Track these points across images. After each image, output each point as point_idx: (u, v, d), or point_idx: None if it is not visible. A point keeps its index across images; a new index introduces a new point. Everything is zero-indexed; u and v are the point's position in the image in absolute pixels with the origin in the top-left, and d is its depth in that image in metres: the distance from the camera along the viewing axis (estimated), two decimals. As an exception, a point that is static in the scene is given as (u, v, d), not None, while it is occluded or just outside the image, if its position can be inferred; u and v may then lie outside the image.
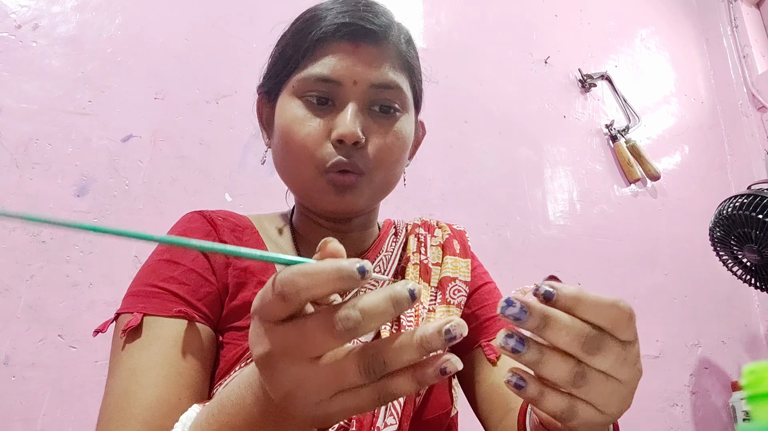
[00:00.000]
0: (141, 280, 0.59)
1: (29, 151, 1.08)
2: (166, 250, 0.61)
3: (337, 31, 0.60)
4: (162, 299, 0.56)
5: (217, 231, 0.64)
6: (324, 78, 0.60)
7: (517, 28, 1.94)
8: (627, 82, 2.13)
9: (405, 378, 0.32)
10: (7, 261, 1.00)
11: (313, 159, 0.60)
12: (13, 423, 0.93)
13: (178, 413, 0.50)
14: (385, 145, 0.61)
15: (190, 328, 0.56)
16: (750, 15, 2.46)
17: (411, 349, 0.31)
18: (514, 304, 0.32)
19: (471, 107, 1.70)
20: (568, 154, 1.87)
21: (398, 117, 0.63)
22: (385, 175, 0.63)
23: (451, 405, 0.64)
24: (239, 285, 0.60)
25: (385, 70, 0.61)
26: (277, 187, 1.30)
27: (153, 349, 0.53)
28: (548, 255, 1.66)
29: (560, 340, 0.33)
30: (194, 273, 0.59)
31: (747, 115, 2.28)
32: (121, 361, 0.53)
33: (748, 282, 1.61)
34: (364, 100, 0.61)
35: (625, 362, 0.34)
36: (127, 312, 0.56)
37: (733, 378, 1.86)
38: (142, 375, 0.52)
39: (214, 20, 1.36)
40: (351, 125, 0.58)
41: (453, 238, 0.75)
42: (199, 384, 0.55)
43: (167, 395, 0.51)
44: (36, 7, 1.16)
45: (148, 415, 0.49)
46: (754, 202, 1.44)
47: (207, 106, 1.29)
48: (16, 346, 0.96)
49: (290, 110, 0.61)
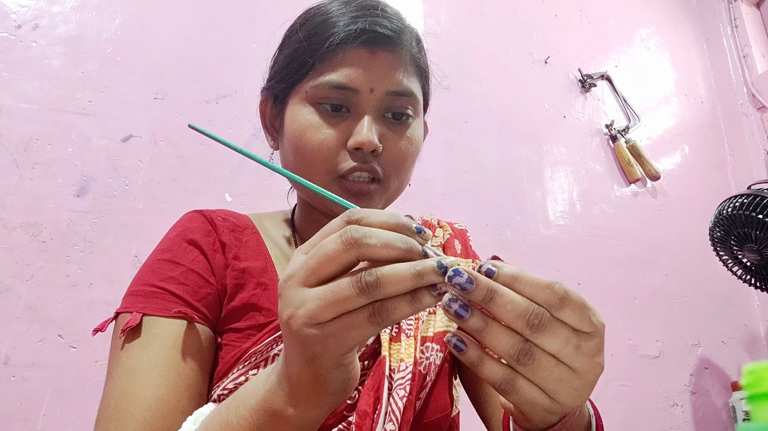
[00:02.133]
0: (141, 280, 0.59)
1: (29, 151, 1.08)
2: (167, 250, 0.61)
3: (354, 38, 0.59)
4: (161, 299, 0.56)
5: (216, 231, 0.64)
6: (341, 86, 0.59)
7: (517, 28, 1.94)
8: (627, 82, 2.13)
9: (401, 298, 0.34)
10: (7, 262, 1.00)
11: (326, 165, 0.59)
12: (13, 423, 0.93)
13: (177, 414, 0.50)
14: (400, 152, 0.62)
15: (190, 329, 0.56)
16: (750, 15, 2.46)
17: (406, 275, 0.33)
18: (461, 274, 0.34)
19: (471, 107, 1.70)
20: (568, 154, 1.87)
21: (410, 123, 0.63)
22: (400, 180, 0.64)
23: (450, 407, 0.64)
24: (238, 287, 0.60)
25: (400, 77, 0.61)
26: (277, 187, 1.30)
27: (152, 349, 0.53)
28: (548, 255, 1.66)
29: (505, 315, 0.34)
30: (194, 274, 0.59)
31: (747, 115, 2.28)
32: (120, 361, 0.53)
33: (748, 282, 1.61)
34: (380, 107, 0.61)
35: (578, 350, 0.35)
36: (126, 312, 0.56)
37: (733, 378, 1.86)
38: (141, 375, 0.52)
39: (214, 20, 1.36)
40: (369, 133, 0.58)
41: (454, 238, 0.75)
42: (198, 385, 0.55)
43: (166, 396, 0.51)
44: (36, 7, 1.16)
45: (148, 416, 0.49)
46: (754, 202, 1.44)
47: (207, 106, 1.29)
48: (16, 346, 0.96)
49: (303, 117, 0.61)
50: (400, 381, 0.57)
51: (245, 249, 0.64)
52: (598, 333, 0.36)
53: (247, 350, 0.56)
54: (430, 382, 0.61)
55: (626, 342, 1.68)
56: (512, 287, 0.35)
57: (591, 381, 0.36)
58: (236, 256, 0.62)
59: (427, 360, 0.61)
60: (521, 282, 0.35)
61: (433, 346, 0.63)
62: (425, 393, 0.60)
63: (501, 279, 0.35)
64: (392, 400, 0.56)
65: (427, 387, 0.60)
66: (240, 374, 0.55)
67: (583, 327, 0.35)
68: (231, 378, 0.56)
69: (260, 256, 0.64)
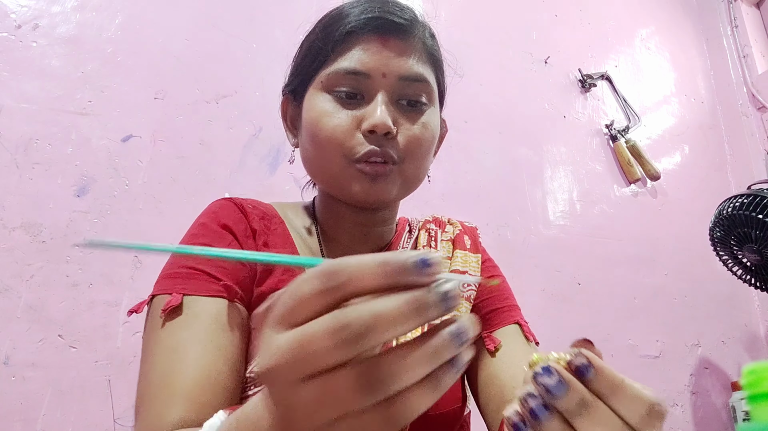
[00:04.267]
0: (176, 263, 0.59)
1: (29, 151, 1.08)
2: (201, 235, 0.61)
3: (365, 25, 0.61)
4: (201, 280, 0.57)
5: (247, 217, 0.65)
6: (353, 71, 0.60)
7: (517, 28, 1.94)
8: (627, 82, 2.13)
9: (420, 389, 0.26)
10: (7, 262, 1.00)
11: (342, 149, 0.60)
12: (13, 423, 0.93)
13: (218, 387, 0.51)
14: (415, 137, 0.62)
15: (230, 308, 0.56)
16: (750, 15, 2.46)
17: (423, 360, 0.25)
18: (552, 374, 0.29)
19: (471, 107, 1.70)
20: (568, 153, 1.87)
21: (425, 110, 0.63)
22: (416, 166, 0.63)
23: (462, 402, 0.64)
24: (266, 272, 0.61)
25: (412, 63, 0.62)
26: (277, 187, 1.30)
27: (194, 328, 0.53)
28: (548, 255, 1.66)
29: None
30: None
31: (747, 115, 2.28)
32: (160, 340, 0.53)
33: (748, 282, 1.61)
34: (393, 92, 0.61)
35: None
36: (164, 293, 0.56)
37: (733, 378, 1.86)
38: (183, 352, 0.52)
39: (214, 20, 1.36)
40: (382, 115, 0.58)
41: (464, 234, 0.76)
42: (238, 362, 0.55)
43: (209, 371, 0.51)
44: (36, 7, 1.16)
45: (194, 391, 0.49)
46: (754, 202, 1.44)
47: (207, 106, 1.29)
48: (16, 346, 0.96)
49: (319, 104, 0.61)
50: None
51: (274, 237, 0.65)
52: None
53: None
54: None
55: (626, 342, 1.68)
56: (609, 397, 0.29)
57: None
58: (266, 243, 0.64)
59: None
60: (623, 394, 0.30)
61: None
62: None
63: (599, 385, 0.29)
64: None
65: None
66: None
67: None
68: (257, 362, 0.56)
69: (287, 245, 0.66)
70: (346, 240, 0.70)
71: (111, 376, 1.01)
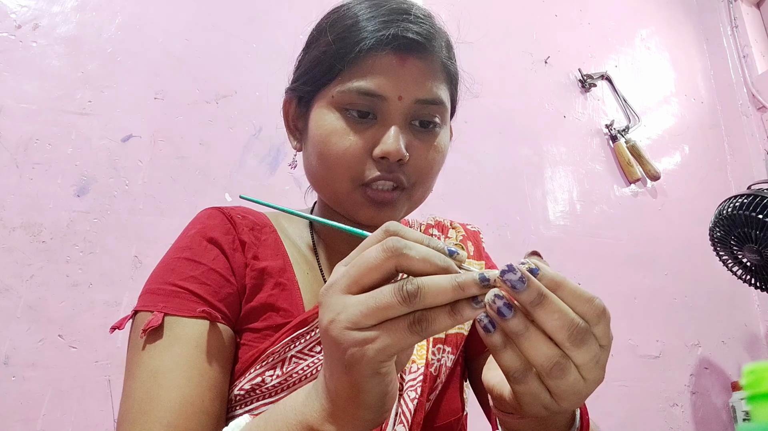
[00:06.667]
0: (160, 278, 0.58)
1: (29, 151, 1.08)
2: (186, 248, 0.59)
3: (384, 45, 0.58)
4: (183, 299, 0.55)
5: (236, 229, 0.63)
6: (369, 92, 0.58)
7: (516, 28, 1.94)
8: (627, 82, 2.13)
9: (441, 310, 0.34)
10: (7, 262, 1.00)
11: (350, 172, 0.58)
12: (13, 423, 0.93)
13: (201, 415, 0.50)
14: (427, 161, 0.61)
15: (212, 329, 0.55)
16: (750, 15, 2.46)
17: (447, 286, 0.33)
18: (515, 271, 0.33)
19: (471, 107, 1.70)
20: (568, 153, 1.87)
21: (438, 132, 0.62)
22: (425, 188, 0.63)
23: (461, 412, 0.64)
24: (256, 287, 0.60)
25: (429, 86, 0.60)
26: (277, 188, 1.30)
27: (175, 350, 0.52)
28: (548, 255, 1.65)
29: (549, 323, 0.34)
30: (215, 274, 0.58)
31: (747, 115, 2.28)
32: (141, 362, 0.52)
33: (748, 282, 1.61)
34: (407, 115, 0.60)
35: (597, 364, 0.35)
36: (146, 310, 0.55)
37: (733, 378, 1.86)
38: (164, 377, 0.51)
39: (214, 20, 1.36)
40: (396, 143, 0.57)
41: (467, 239, 0.74)
42: (221, 386, 0.54)
43: (190, 397, 0.50)
44: (36, 7, 1.16)
45: (172, 418, 0.49)
46: (754, 202, 1.44)
47: (207, 106, 1.29)
48: (16, 346, 0.96)
49: (329, 122, 0.59)
50: (411, 382, 0.57)
51: (264, 249, 0.63)
52: (610, 346, 0.36)
53: (265, 350, 0.56)
54: (441, 384, 0.61)
55: (626, 342, 1.68)
56: (554, 293, 0.34)
57: (594, 388, 0.37)
58: (255, 256, 0.62)
59: (438, 362, 0.61)
60: (564, 290, 0.34)
61: (446, 348, 0.62)
62: (435, 395, 0.60)
63: (544, 282, 0.34)
64: (403, 402, 0.56)
65: (437, 389, 0.60)
66: (257, 374, 0.55)
67: (605, 342, 0.36)
68: (248, 379, 0.55)
69: (279, 256, 0.63)
70: (346, 249, 0.69)
71: (111, 376, 1.01)
